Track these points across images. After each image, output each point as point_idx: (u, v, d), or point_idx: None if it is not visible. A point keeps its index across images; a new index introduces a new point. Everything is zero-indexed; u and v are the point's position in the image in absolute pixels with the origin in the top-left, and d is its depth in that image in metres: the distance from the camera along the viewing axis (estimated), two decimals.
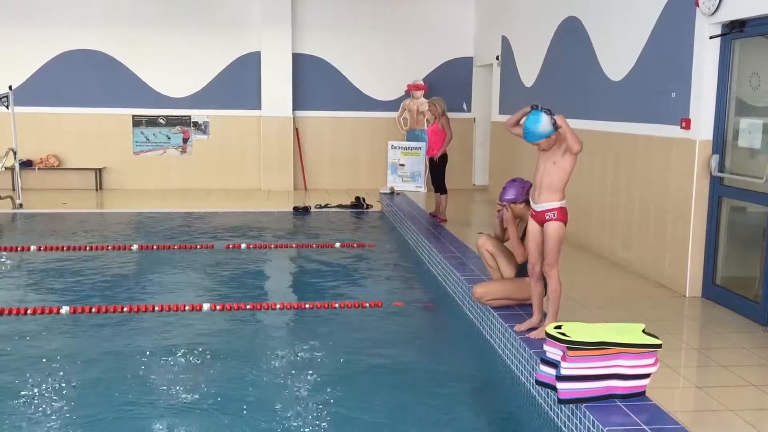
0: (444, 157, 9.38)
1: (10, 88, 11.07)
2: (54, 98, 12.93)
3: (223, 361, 4.94)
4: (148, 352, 5.04)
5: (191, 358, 4.92)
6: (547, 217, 4.50)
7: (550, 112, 4.43)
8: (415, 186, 12.57)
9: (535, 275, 4.68)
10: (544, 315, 4.75)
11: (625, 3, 7.41)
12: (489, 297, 5.14)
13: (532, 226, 4.61)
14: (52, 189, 12.72)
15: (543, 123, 4.42)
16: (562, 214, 4.49)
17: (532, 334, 4.60)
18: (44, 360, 4.85)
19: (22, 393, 4.33)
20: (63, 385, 4.47)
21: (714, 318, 5.71)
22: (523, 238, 5.11)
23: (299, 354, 5.07)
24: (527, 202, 4.91)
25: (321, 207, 11.15)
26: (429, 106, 9.51)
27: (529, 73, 10.24)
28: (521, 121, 4.58)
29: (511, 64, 11.03)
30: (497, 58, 11.80)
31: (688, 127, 6.23)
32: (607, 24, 7.83)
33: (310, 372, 4.70)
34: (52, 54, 12.87)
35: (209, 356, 4.99)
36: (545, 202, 4.50)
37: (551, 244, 4.49)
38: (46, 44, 12.82)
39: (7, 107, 10.89)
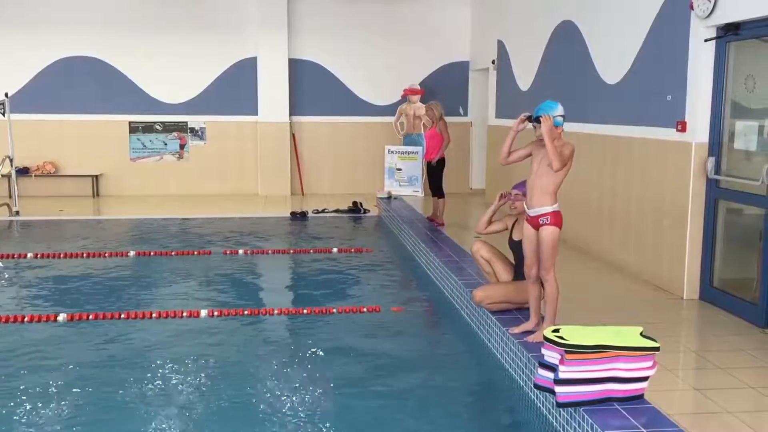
0: (441, 161, 9.38)
1: (6, 95, 11.06)
2: (50, 105, 12.93)
3: (221, 366, 4.93)
4: (145, 359, 5.02)
5: (188, 365, 4.91)
6: (541, 222, 4.53)
7: (538, 120, 4.48)
8: (412, 190, 12.54)
9: (531, 278, 4.69)
10: (541, 318, 4.76)
11: (620, 6, 7.43)
12: (489, 301, 5.13)
13: (528, 230, 4.62)
14: (48, 196, 12.71)
15: (557, 108, 4.50)
16: (556, 218, 4.50)
17: (530, 338, 4.60)
18: (41, 367, 4.84)
19: (20, 400, 4.31)
20: (60, 391, 4.46)
21: (712, 320, 5.72)
22: (514, 244, 5.19)
23: (296, 359, 5.06)
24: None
25: (318, 212, 11.15)
26: (426, 110, 9.51)
27: (525, 76, 10.26)
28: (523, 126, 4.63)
29: (508, 68, 11.05)
30: (493, 62, 11.83)
31: (684, 129, 6.24)
32: (602, 27, 7.85)
33: (308, 377, 4.69)
34: (48, 61, 12.88)
35: (206, 362, 4.98)
36: (538, 206, 4.53)
37: (546, 249, 4.50)
38: (43, 51, 12.83)
39: (3, 114, 10.88)
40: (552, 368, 3.71)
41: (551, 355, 3.74)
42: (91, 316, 5.92)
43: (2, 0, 12.64)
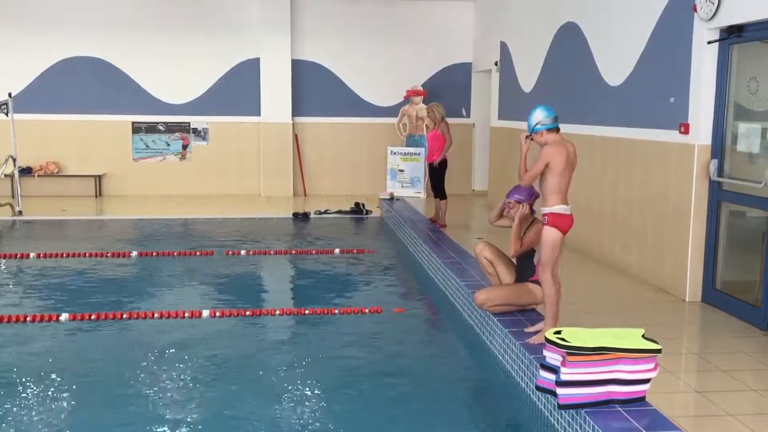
0: (444, 163, 9.39)
1: (9, 95, 11.08)
2: (53, 105, 12.95)
3: (223, 367, 4.93)
4: (147, 359, 5.03)
5: (190, 365, 4.92)
6: (543, 221, 4.63)
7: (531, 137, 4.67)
8: (414, 191, 12.58)
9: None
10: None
11: (623, 8, 7.43)
12: (491, 303, 5.13)
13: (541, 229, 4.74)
14: (51, 196, 12.72)
15: (534, 115, 4.62)
16: (554, 220, 4.55)
17: (531, 339, 4.61)
18: (43, 367, 4.85)
19: (22, 399, 4.32)
20: (62, 391, 4.47)
21: (714, 322, 5.71)
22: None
23: (298, 360, 5.06)
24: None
25: (320, 213, 11.16)
26: (428, 111, 9.51)
27: (527, 78, 10.26)
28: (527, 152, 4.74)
29: (510, 70, 11.05)
30: (496, 64, 11.83)
31: (686, 131, 6.24)
32: (605, 29, 7.85)
33: (309, 378, 4.70)
34: (51, 61, 12.90)
35: (208, 363, 4.99)
36: (541, 207, 4.66)
37: (543, 249, 4.60)
38: (46, 51, 12.85)
39: (6, 114, 10.90)
40: (554, 370, 3.71)
41: (553, 357, 3.74)
42: (93, 316, 5.93)
43: (5, 1, 12.67)
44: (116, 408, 4.27)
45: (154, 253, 8.35)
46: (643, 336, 3.75)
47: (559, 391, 3.66)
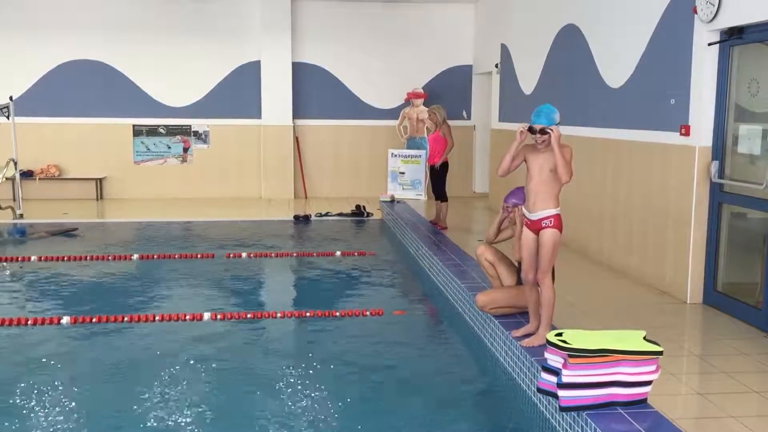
0: (445, 165, 9.40)
1: (10, 98, 11.09)
2: (54, 108, 12.96)
3: (224, 370, 4.93)
4: (148, 362, 5.03)
5: (191, 368, 4.92)
6: (543, 225, 4.48)
7: (543, 132, 4.49)
8: (415, 194, 12.58)
9: (529, 282, 4.66)
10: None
11: (623, 10, 7.44)
12: (492, 305, 5.12)
13: (526, 234, 4.58)
14: (52, 199, 12.74)
15: (557, 113, 4.57)
16: (558, 222, 4.50)
17: (526, 342, 4.58)
18: (45, 370, 4.85)
19: (23, 402, 4.32)
20: (63, 394, 4.46)
21: (715, 324, 5.71)
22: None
23: (299, 362, 5.06)
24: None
25: (321, 215, 11.16)
26: (429, 114, 9.53)
27: (528, 80, 10.27)
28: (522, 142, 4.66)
29: (511, 72, 11.06)
30: (497, 66, 11.83)
31: (687, 133, 6.24)
32: (605, 31, 7.86)
33: (310, 380, 4.69)
34: (52, 64, 12.92)
35: (209, 366, 4.98)
36: (541, 210, 4.49)
37: (546, 252, 4.47)
38: (47, 54, 12.87)
39: (7, 117, 10.91)
40: (555, 372, 3.71)
41: (554, 359, 3.73)
42: (94, 319, 5.93)
43: (6, 3, 12.69)
44: (116, 410, 4.26)
45: (155, 256, 8.35)
46: (644, 338, 3.75)
47: (561, 393, 3.66)
